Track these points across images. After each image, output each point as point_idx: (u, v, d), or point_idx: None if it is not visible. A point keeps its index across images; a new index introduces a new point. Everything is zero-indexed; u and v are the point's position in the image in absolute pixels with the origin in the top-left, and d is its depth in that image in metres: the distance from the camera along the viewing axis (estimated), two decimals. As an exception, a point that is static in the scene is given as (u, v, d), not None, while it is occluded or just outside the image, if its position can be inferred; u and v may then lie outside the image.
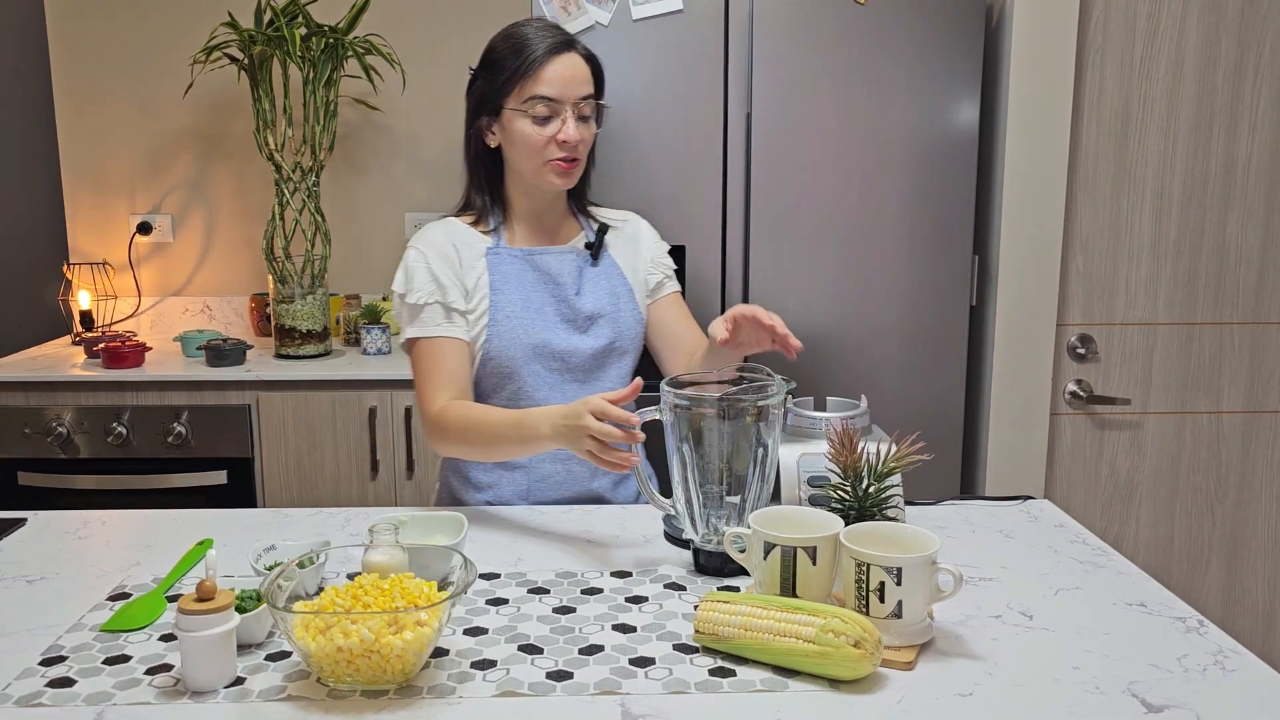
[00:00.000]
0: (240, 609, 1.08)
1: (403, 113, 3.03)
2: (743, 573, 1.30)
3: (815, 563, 1.14)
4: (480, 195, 1.67)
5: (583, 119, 1.57)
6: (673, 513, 1.36)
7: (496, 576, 1.31)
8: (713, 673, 1.05)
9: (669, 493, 1.34)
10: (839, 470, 1.27)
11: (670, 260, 1.76)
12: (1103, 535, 2.43)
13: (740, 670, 1.06)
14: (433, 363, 1.57)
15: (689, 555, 1.36)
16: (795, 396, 1.54)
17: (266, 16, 2.55)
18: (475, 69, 1.64)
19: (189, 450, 2.51)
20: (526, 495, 1.63)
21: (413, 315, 1.60)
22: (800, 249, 2.26)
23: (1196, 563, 2.45)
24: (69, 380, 2.48)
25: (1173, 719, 0.97)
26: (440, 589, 1.09)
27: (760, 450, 1.28)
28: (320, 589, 1.18)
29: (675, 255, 1.81)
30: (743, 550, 1.21)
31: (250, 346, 2.70)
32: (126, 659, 1.09)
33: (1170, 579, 2.45)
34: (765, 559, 1.15)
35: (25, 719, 0.98)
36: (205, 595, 1.01)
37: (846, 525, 1.17)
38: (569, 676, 1.05)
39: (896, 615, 1.08)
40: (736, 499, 1.30)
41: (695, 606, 1.18)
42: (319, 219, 2.66)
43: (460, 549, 1.23)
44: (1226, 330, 2.38)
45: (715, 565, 1.31)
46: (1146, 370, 2.39)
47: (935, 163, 2.24)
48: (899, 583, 1.07)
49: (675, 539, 1.42)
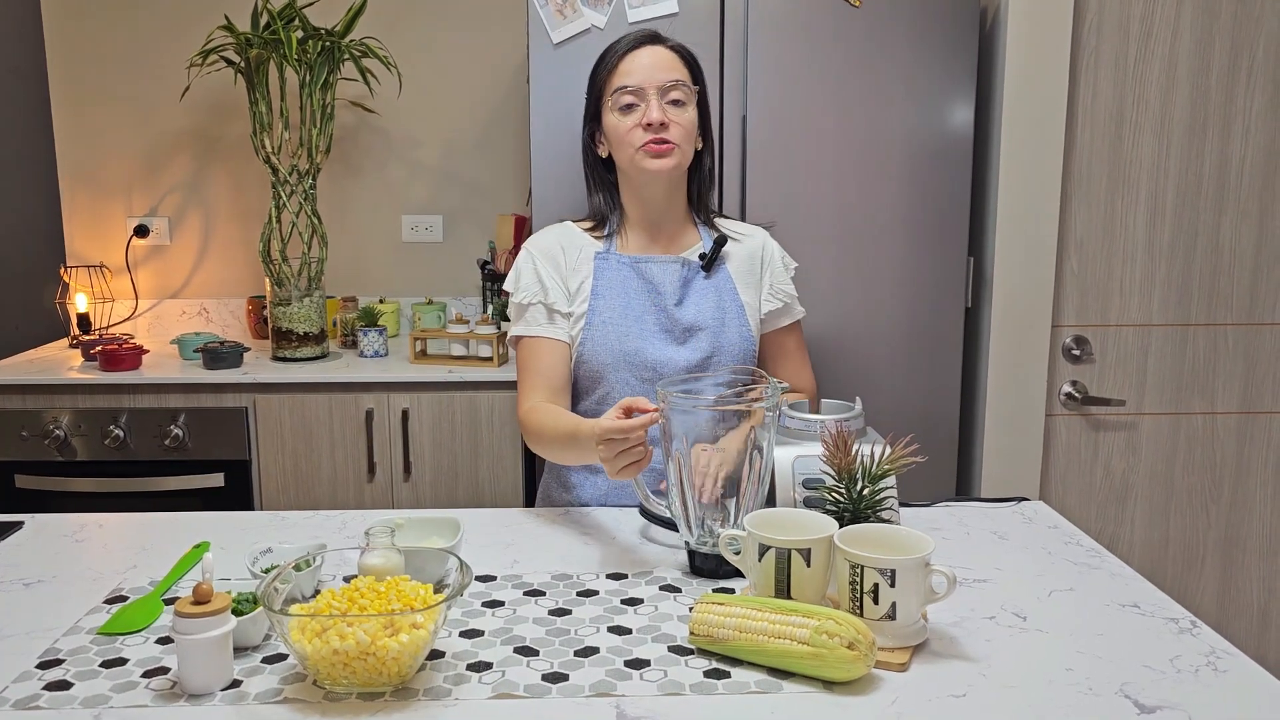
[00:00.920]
0: (237, 612, 1.09)
1: (399, 116, 3.03)
2: (738, 574, 1.30)
3: (810, 565, 1.14)
4: (599, 201, 1.68)
5: (674, 104, 1.57)
6: (668, 514, 1.36)
7: (492, 579, 1.31)
8: (708, 674, 1.06)
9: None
10: (834, 472, 1.28)
11: (791, 287, 1.74)
12: (1098, 537, 2.43)
13: (735, 672, 1.06)
14: (530, 362, 1.62)
15: (684, 557, 1.37)
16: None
17: (263, 19, 2.55)
18: (587, 88, 1.66)
19: (186, 453, 2.51)
20: (604, 498, 1.66)
21: (518, 314, 1.65)
22: (795, 251, 2.26)
23: (1191, 564, 2.46)
24: (66, 383, 2.49)
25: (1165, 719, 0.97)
26: (436, 591, 1.10)
27: (754, 453, 1.29)
28: (317, 591, 1.18)
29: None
30: (738, 552, 1.21)
31: (247, 349, 2.70)
32: (123, 662, 1.09)
33: (1165, 580, 2.45)
34: (760, 561, 1.16)
35: (22, 722, 0.98)
36: (202, 598, 1.01)
37: (841, 527, 1.18)
38: (564, 678, 1.05)
39: (890, 617, 1.08)
40: (731, 501, 1.30)
41: (690, 608, 1.18)
42: (316, 221, 2.67)
43: (456, 551, 1.23)
44: (1221, 331, 2.38)
45: (710, 567, 1.32)
46: (1141, 371, 2.39)
47: (930, 164, 2.24)
48: (893, 584, 1.08)
49: (651, 515, 1.42)
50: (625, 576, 1.31)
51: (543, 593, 1.26)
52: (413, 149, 3.06)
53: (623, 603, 1.23)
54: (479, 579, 1.31)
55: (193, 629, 1.00)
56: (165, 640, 1.14)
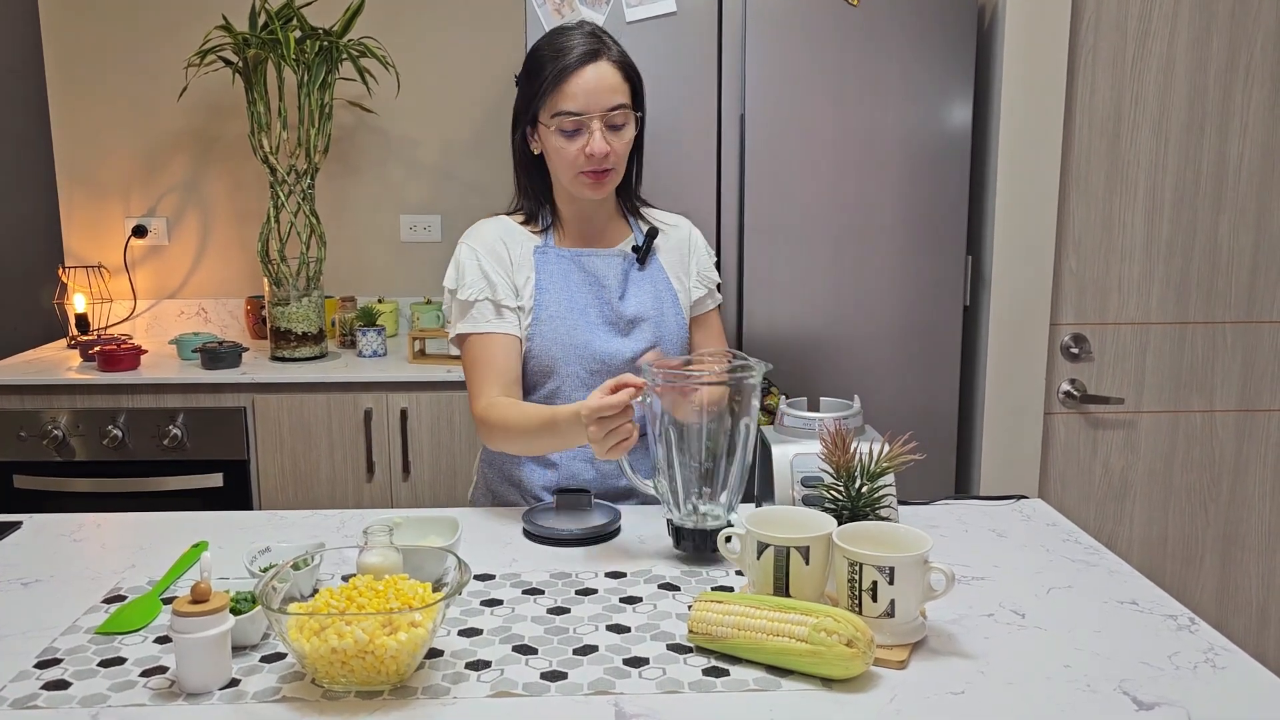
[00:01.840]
0: (235, 611, 1.09)
1: (397, 115, 3.03)
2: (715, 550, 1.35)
3: (808, 562, 1.14)
4: (529, 199, 1.67)
5: (613, 128, 1.55)
6: (653, 493, 1.40)
7: (491, 577, 1.31)
8: (706, 672, 1.06)
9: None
10: (832, 470, 1.28)
11: (715, 274, 1.76)
12: (1096, 534, 2.43)
13: (734, 670, 1.06)
14: (482, 359, 1.60)
15: (683, 556, 1.37)
16: (789, 397, 1.55)
17: (261, 19, 2.55)
18: (518, 76, 1.63)
19: (184, 453, 2.51)
20: (555, 489, 1.64)
21: (463, 311, 1.62)
22: (794, 250, 2.27)
23: (1190, 561, 2.46)
24: (64, 383, 2.48)
25: (1163, 716, 0.97)
26: (435, 590, 1.10)
27: (737, 431, 1.33)
28: (315, 590, 1.18)
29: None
30: (735, 550, 1.21)
31: (246, 349, 2.70)
32: (122, 661, 1.09)
33: (1164, 578, 2.45)
34: (759, 558, 1.16)
35: (21, 721, 0.98)
36: (200, 597, 1.01)
37: (839, 525, 1.18)
38: (563, 677, 1.05)
39: (889, 614, 1.08)
40: (718, 474, 1.34)
41: (689, 606, 1.18)
42: (314, 221, 2.67)
43: (455, 550, 1.23)
44: (1219, 329, 2.38)
45: (695, 543, 1.35)
46: (1139, 369, 2.40)
47: (928, 163, 2.24)
48: (891, 582, 1.08)
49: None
50: (624, 575, 1.31)
51: (541, 591, 1.26)
52: (411, 149, 3.06)
53: (621, 601, 1.23)
54: (477, 578, 1.31)
55: (191, 628, 1.00)
56: (163, 639, 1.14)
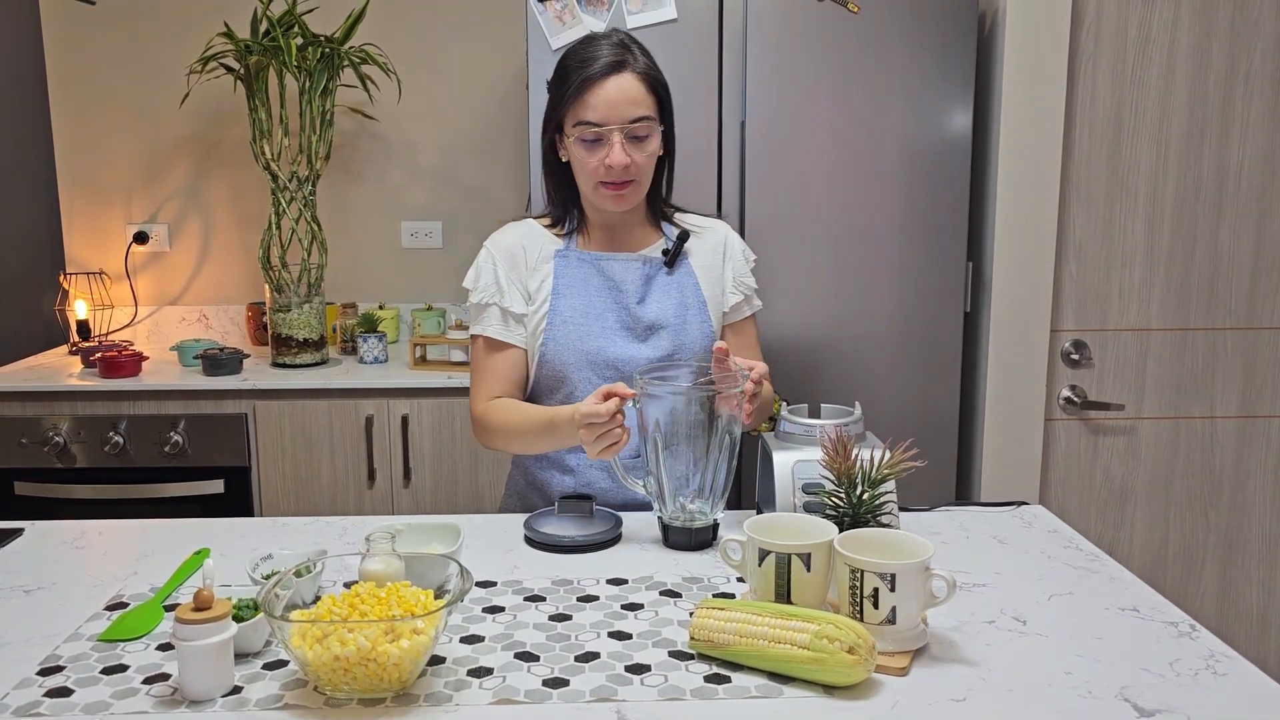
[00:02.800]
0: (237, 618, 1.09)
1: (399, 122, 3.04)
2: (708, 545, 1.42)
3: (810, 569, 1.14)
4: (556, 205, 1.68)
5: (635, 140, 1.53)
6: (644, 493, 1.45)
7: (493, 584, 1.31)
8: (708, 679, 1.06)
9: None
10: (833, 477, 1.28)
11: (752, 280, 1.74)
12: (1097, 541, 2.43)
13: (735, 677, 1.06)
14: (486, 363, 1.64)
15: (683, 560, 1.38)
16: (790, 403, 1.55)
17: (263, 26, 2.56)
18: (549, 82, 1.63)
19: (186, 459, 2.51)
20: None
21: (476, 314, 1.66)
22: (795, 256, 2.27)
23: (1191, 568, 2.46)
24: (66, 390, 2.49)
25: (1164, 723, 0.97)
26: (437, 597, 1.10)
27: (722, 434, 1.39)
28: (317, 598, 1.19)
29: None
30: (737, 557, 1.21)
31: (247, 355, 2.70)
32: (124, 669, 1.09)
33: (1165, 584, 2.45)
34: (760, 566, 1.16)
35: (23, 729, 0.98)
36: (202, 604, 1.02)
37: (841, 532, 1.18)
38: (565, 684, 1.05)
39: (890, 621, 1.09)
40: (698, 477, 1.40)
41: (690, 613, 1.18)
42: (315, 228, 2.67)
43: (457, 557, 1.23)
44: (1219, 336, 2.39)
45: (683, 541, 1.42)
46: (1140, 376, 2.40)
47: (929, 169, 2.25)
48: (893, 589, 1.08)
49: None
50: (625, 582, 1.31)
51: (543, 598, 1.26)
52: (412, 155, 3.06)
53: (623, 608, 1.23)
54: (479, 585, 1.31)
55: (193, 635, 1.00)
56: (166, 647, 1.14)
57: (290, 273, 2.66)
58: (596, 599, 1.26)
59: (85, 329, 2.94)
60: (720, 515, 1.45)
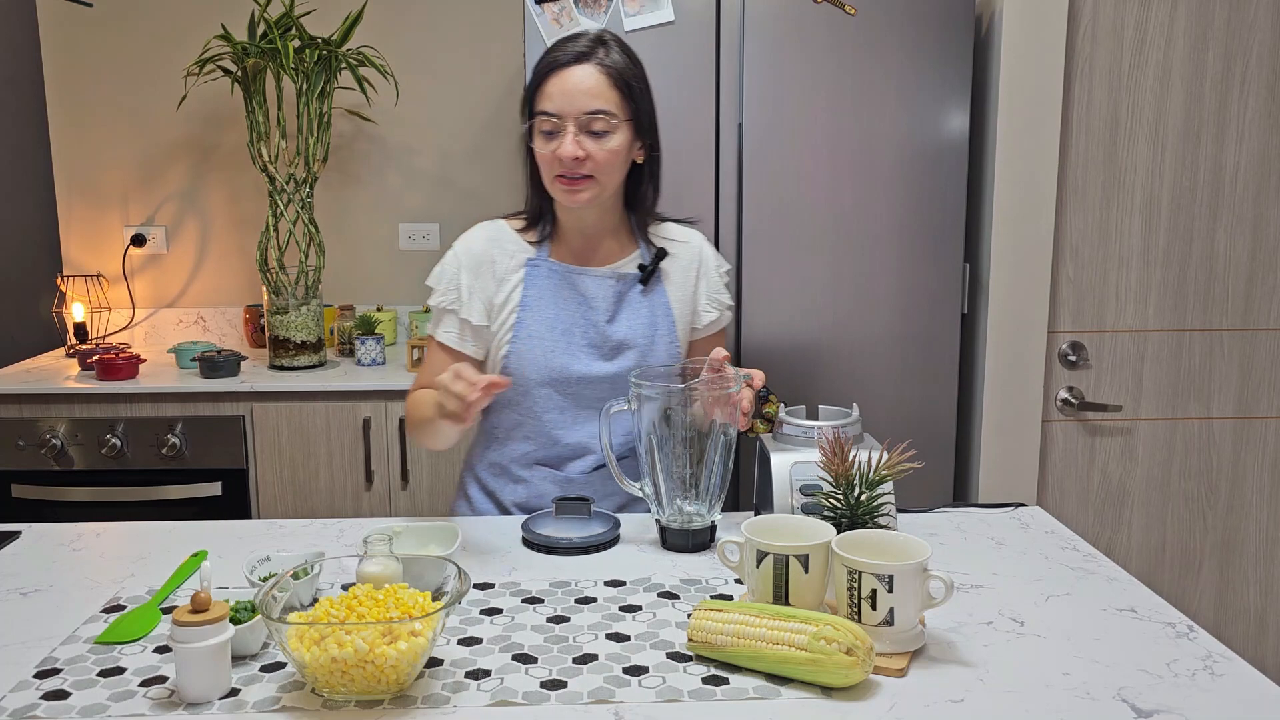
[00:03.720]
0: (235, 620, 1.09)
1: (396, 124, 3.04)
2: (706, 547, 1.43)
3: (807, 571, 1.14)
4: (533, 202, 1.62)
5: (593, 134, 1.48)
6: (640, 495, 1.46)
7: (491, 586, 1.31)
8: (706, 681, 1.06)
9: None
10: (831, 478, 1.28)
11: (726, 295, 1.70)
12: (1095, 542, 2.44)
13: (733, 678, 1.06)
14: (432, 367, 1.60)
15: (681, 562, 1.38)
16: (788, 405, 1.55)
17: (260, 29, 2.56)
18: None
19: (183, 462, 2.51)
20: (525, 505, 1.65)
21: (436, 316, 1.63)
22: (792, 258, 2.27)
23: (1188, 569, 2.46)
24: (63, 392, 2.48)
25: (1162, 724, 0.98)
26: (434, 599, 1.10)
27: (717, 435, 1.40)
28: (315, 600, 1.18)
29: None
30: (735, 559, 1.22)
31: (244, 358, 2.70)
32: (121, 671, 1.09)
33: (1162, 585, 2.45)
34: (758, 567, 1.16)
35: (20, 731, 0.98)
36: (200, 607, 1.01)
37: (839, 533, 1.18)
38: (563, 685, 1.05)
39: (888, 622, 1.09)
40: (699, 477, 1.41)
41: (688, 615, 1.18)
42: (313, 230, 2.67)
43: (454, 559, 1.23)
44: (1216, 337, 2.39)
45: (680, 542, 1.43)
46: (1137, 377, 2.40)
47: (926, 171, 2.25)
48: (890, 590, 1.08)
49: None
50: (623, 584, 1.31)
51: (541, 600, 1.26)
52: (410, 157, 3.06)
53: (621, 610, 1.23)
54: (477, 586, 1.31)
55: (191, 638, 1.00)
56: (163, 649, 1.14)
57: (288, 275, 2.66)
58: (594, 601, 1.26)
59: (83, 331, 2.94)
60: (718, 517, 1.45)
